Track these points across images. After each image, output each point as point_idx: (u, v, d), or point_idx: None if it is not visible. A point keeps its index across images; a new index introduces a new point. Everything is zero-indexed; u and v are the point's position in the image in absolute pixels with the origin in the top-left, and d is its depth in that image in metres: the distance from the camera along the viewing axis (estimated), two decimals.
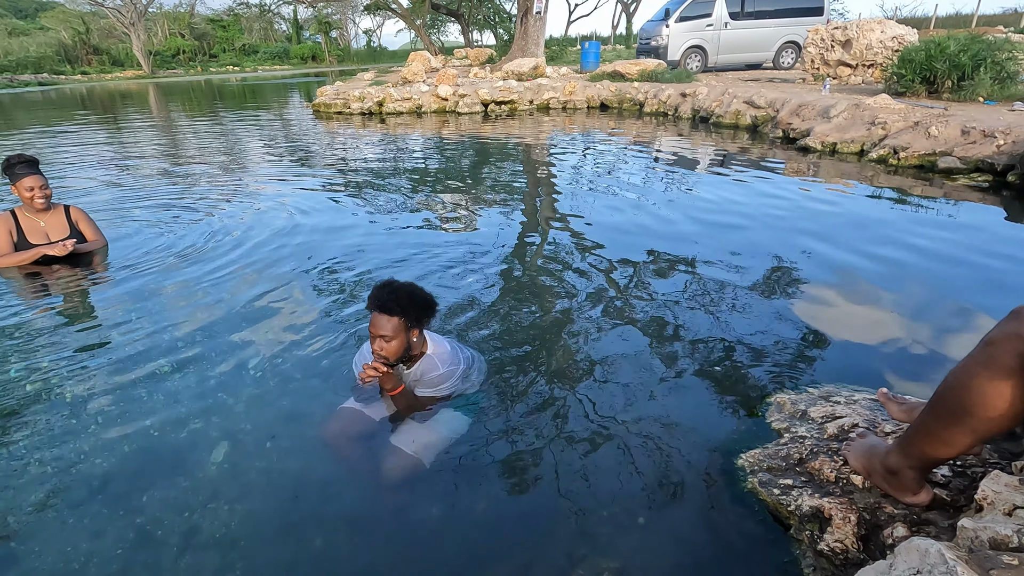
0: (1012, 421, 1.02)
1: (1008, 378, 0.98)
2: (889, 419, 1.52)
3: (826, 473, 1.38)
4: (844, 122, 6.08)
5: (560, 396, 2.06)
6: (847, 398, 1.71)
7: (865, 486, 1.31)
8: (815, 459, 1.43)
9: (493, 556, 1.50)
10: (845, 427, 1.52)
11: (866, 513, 1.24)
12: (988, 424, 1.03)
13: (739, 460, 1.55)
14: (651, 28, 14.22)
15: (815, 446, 1.49)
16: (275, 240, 3.86)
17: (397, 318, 1.70)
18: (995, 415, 1.01)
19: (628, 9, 34.36)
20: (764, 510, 1.40)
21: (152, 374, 2.29)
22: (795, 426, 1.62)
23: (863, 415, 1.57)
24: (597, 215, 4.25)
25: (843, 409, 1.62)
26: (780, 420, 1.68)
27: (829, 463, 1.40)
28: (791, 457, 1.47)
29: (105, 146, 8.85)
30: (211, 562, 1.50)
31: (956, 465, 1.31)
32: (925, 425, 1.13)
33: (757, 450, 1.55)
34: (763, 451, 1.54)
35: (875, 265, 3.14)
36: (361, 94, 11.56)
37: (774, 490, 1.38)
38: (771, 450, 1.53)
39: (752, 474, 1.47)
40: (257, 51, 48.32)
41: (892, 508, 1.24)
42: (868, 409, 1.62)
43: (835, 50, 9.18)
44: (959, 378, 1.05)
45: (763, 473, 1.45)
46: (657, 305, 2.72)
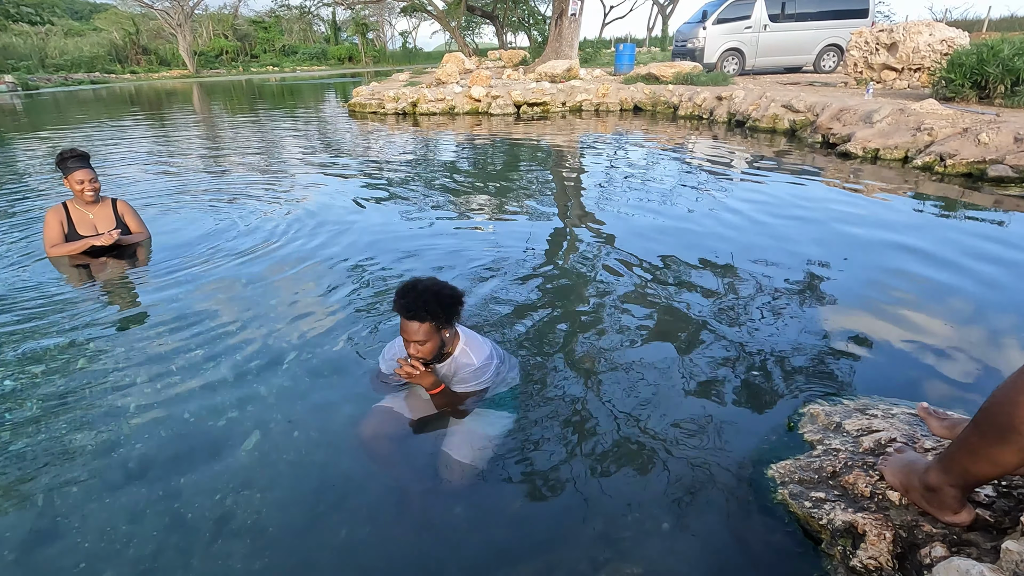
0: None
1: None
2: (929, 435, 1.46)
3: (860, 488, 1.33)
4: (888, 127, 5.89)
5: (586, 399, 2.05)
6: (884, 411, 1.65)
7: (902, 503, 1.27)
8: (849, 473, 1.38)
9: (514, 556, 1.49)
10: (882, 441, 1.47)
11: (902, 531, 1.20)
12: None
13: (769, 470, 1.51)
14: (687, 30, 14.03)
15: (849, 459, 1.44)
16: (310, 237, 3.94)
17: (427, 323, 1.69)
18: None
19: (664, 11, 33.98)
20: (794, 522, 1.37)
21: (189, 362, 2.37)
22: (829, 438, 1.57)
23: (901, 430, 1.52)
24: (627, 219, 4.21)
25: (880, 423, 1.57)
26: (813, 432, 1.63)
27: (864, 477, 1.35)
28: (824, 470, 1.43)
29: (151, 142, 9.19)
30: (240, 549, 1.54)
31: (1001, 485, 1.26)
32: (969, 442, 1.09)
33: (788, 461, 1.51)
34: (795, 462, 1.50)
35: (916, 275, 3.02)
36: (396, 94, 11.72)
37: (805, 503, 1.34)
38: (803, 462, 1.49)
39: (783, 485, 1.43)
40: (296, 52, 49.47)
41: (931, 527, 1.19)
42: (907, 424, 1.56)
43: (880, 53, 8.89)
44: (1008, 394, 1.01)
45: (794, 485, 1.41)
46: (686, 311, 2.68)
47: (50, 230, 3.21)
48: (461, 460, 1.73)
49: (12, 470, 1.78)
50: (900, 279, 2.98)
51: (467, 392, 1.87)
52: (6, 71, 29.63)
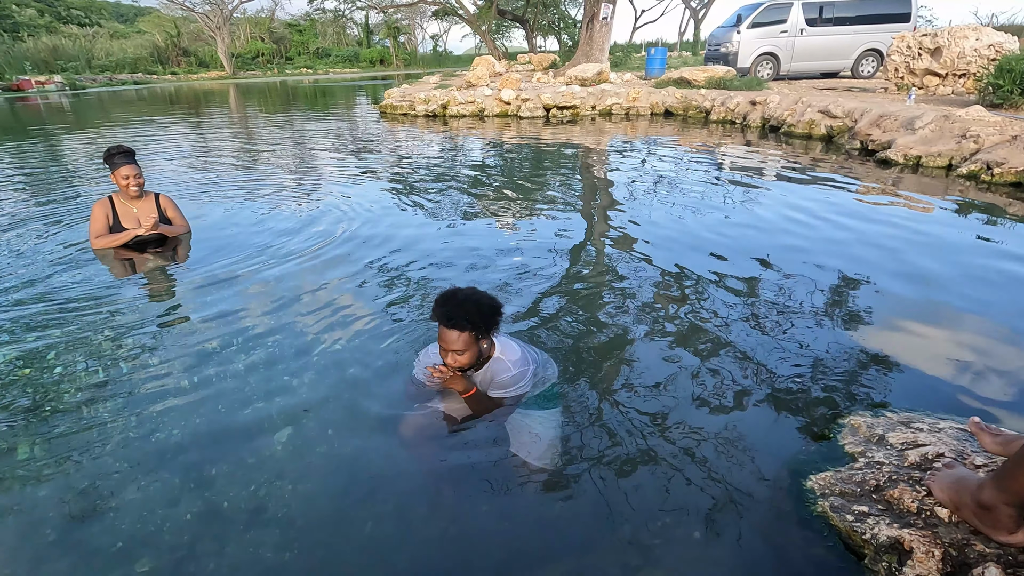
0: None
1: None
2: (980, 451, 1.40)
3: (907, 503, 1.28)
4: (931, 134, 5.70)
5: (617, 403, 2.02)
6: (931, 425, 1.59)
7: (952, 520, 1.21)
8: (894, 487, 1.33)
9: (542, 558, 1.48)
10: (929, 456, 1.41)
11: (952, 549, 1.15)
12: None
13: (808, 482, 1.47)
14: (721, 34, 13.84)
15: (894, 473, 1.39)
16: (343, 235, 3.99)
17: (467, 332, 1.67)
18: None
19: (696, 15, 33.61)
20: (835, 536, 1.32)
21: (223, 355, 2.41)
22: (871, 451, 1.52)
23: (950, 445, 1.46)
24: (657, 225, 4.15)
25: (927, 437, 1.51)
26: (854, 443, 1.58)
27: (910, 492, 1.30)
28: (867, 483, 1.38)
29: (190, 140, 9.46)
30: (271, 539, 1.56)
31: None
32: None
33: (828, 473, 1.47)
34: (835, 474, 1.45)
35: (960, 289, 2.91)
36: (427, 96, 11.84)
37: (847, 516, 1.30)
38: (844, 474, 1.44)
39: (823, 497, 1.38)
40: (329, 54, 50.40)
41: (983, 546, 1.14)
42: (955, 439, 1.50)
43: (923, 58, 8.63)
44: None
45: (835, 497, 1.37)
46: (717, 318, 2.63)
47: (95, 223, 3.33)
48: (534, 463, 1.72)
49: (56, 453, 1.84)
50: (942, 292, 2.87)
51: (503, 398, 1.86)
52: (56, 71, 30.91)
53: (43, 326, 2.63)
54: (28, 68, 30.28)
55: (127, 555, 1.49)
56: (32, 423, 1.98)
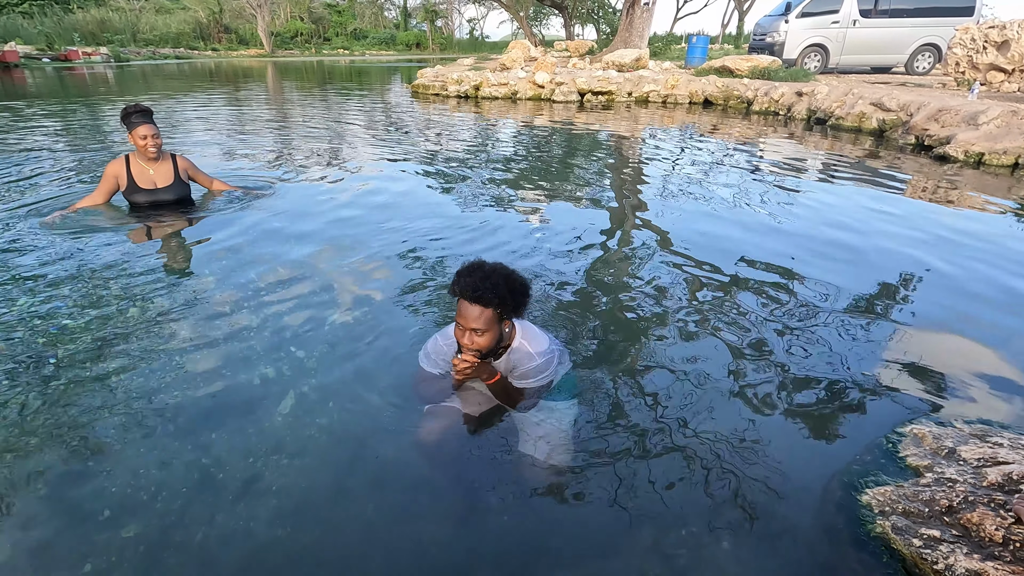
0: None
1: None
2: None
3: (988, 530, 1.09)
4: (996, 130, 5.30)
5: (640, 398, 1.86)
6: (1012, 441, 1.38)
7: None
8: (971, 510, 1.14)
9: (553, 561, 1.35)
10: (1014, 476, 1.21)
11: None
12: None
13: (864, 496, 1.28)
14: (768, 23, 13.26)
15: (970, 494, 1.19)
16: (365, 210, 3.89)
17: (491, 309, 1.48)
18: None
19: (741, 6, 32.53)
20: (897, 561, 1.14)
21: (232, 321, 2.33)
22: (940, 465, 1.32)
23: None
24: (691, 220, 3.90)
25: (1009, 453, 1.30)
26: (919, 456, 1.38)
27: (992, 518, 1.10)
28: (936, 502, 1.19)
29: (227, 112, 9.50)
30: (265, 511, 1.47)
31: None
32: None
33: (889, 487, 1.28)
34: (897, 490, 1.26)
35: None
36: (459, 77, 11.67)
37: (914, 540, 1.11)
38: (908, 490, 1.25)
39: (882, 515, 1.20)
40: (366, 36, 50.53)
41: None
42: None
43: (987, 52, 8.07)
44: None
45: (898, 517, 1.18)
46: (759, 316, 2.42)
47: (104, 183, 3.29)
48: (544, 460, 1.58)
49: (55, 407, 1.78)
50: (1009, 298, 2.60)
51: (527, 388, 1.69)
52: (102, 43, 31.64)
53: (55, 283, 2.58)
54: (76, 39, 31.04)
55: (114, 521, 1.41)
56: (34, 377, 1.93)
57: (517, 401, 1.71)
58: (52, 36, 30.05)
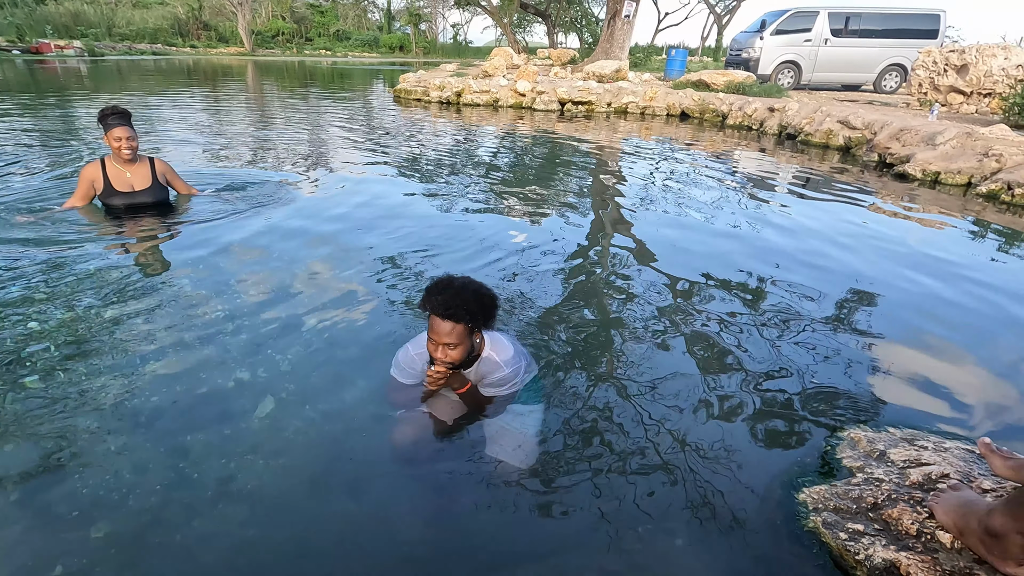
0: None
1: None
2: (989, 474, 1.32)
3: (906, 524, 1.20)
4: (952, 151, 5.57)
5: (605, 406, 1.95)
6: (936, 444, 1.51)
7: (955, 546, 1.14)
8: (893, 506, 1.25)
9: (520, 556, 1.42)
10: (933, 476, 1.33)
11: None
12: None
13: (800, 494, 1.39)
14: (744, 39, 13.64)
15: (894, 492, 1.31)
16: (345, 216, 3.93)
17: (463, 324, 1.55)
18: None
19: (720, 20, 33.25)
20: (825, 554, 1.24)
21: (209, 323, 2.36)
22: (871, 466, 1.44)
23: (956, 465, 1.38)
24: (666, 228, 4.05)
25: (931, 456, 1.43)
26: (853, 458, 1.50)
27: (910, 513, 1.22)
28: (863, 500, 1.30)
29: (201, 113, 9.41)
30: (240, 513, 1.51)
31: None
32: None
33: (824, 487, 1.39)
34: (831, 488, 1.37)
35: (972, 309, 2.81)
36: (441, 83, 11.74)
37: (840, 534, 1.22)
38: (840, 489, 1.36)
39: (815, 512, 1.31)
40: (349, 37, 50.23)
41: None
42: (962, 460, 1.41)
43: (948, 75, 8.45)
44: None
45: (828, 513, 1.29)
46: (718, 325, 2.54)
47: (81, 186, 3.28)
48: (510, 462, 1.66)
49: (29, 409, 1.79)
50: (954, 312, 2.78)
51: (496, 396, 1.78)
52: (76, 37, 30.93)
53: (28, 282, 2.58)
54: (49, 32, 30.28)
55: (86, 518, 1.45)
56: (6, 378, 1.93)
57: (486, 408, 1.79)
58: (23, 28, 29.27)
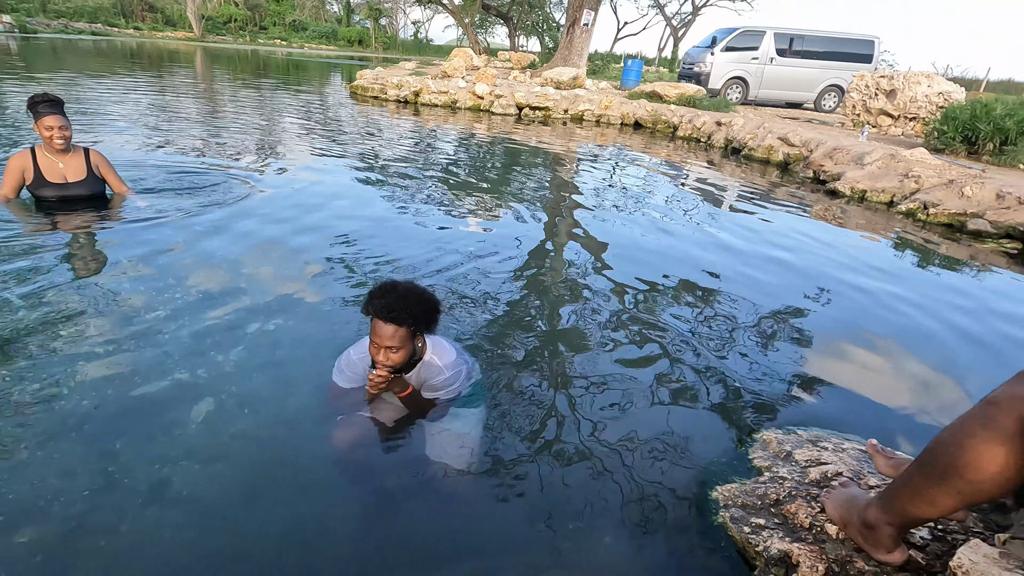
0: (1001, 488, 0.97)
1: (1005, 442, 0.94)
2: (875, 472, 1.47)
3: (801, 518, 1.33)
4: (877, 171, 5.99)
5: (545, 407, 2.02)
6: (836, 445, 1.66)
7: (839, 537, 1.27)
8: (792, 502, 1.38)
9: (457, 555, 1.46)
10: (828, 474, 1.48)
11: (835, 565, 1.20)
12: (976, 487, 0.98)
13: (714, 492, 1.51)
14: (696, 54, 14.16)
15: (794, 489, 1.44)
16: (294, 213, 3.87)
17: (406, 327, 1.59)
18: (984, 478, 0.97)
19: (676, 33, 34.28)
20: (731, 547, 1.36)
21: (147, 323, 2.30)
22: (777, 466, 1.58)
23: (849, 464, 1.53)
24: (615, 233, 4.20)
25: (830, 455, 1.58)
26: (763, 458, 1.64)
27: (806, 508, 1.35)
28: (767, 497, 1.43)
29: (145, 100, 9.01)
30: (173, 518, 1.50)
31: (936, 528, 1.26)
32: (910, 481, 1.09)
33: (735, 485, 1.51)
34: (740, 487, 1.50)
35: (887, 318, 3.07)
36: (399, 82, 11.65)
37: (744, 528, 1.34)
38: (748, 487, 1.49)
39: (725, 508, 1.43)
40: (306, 28, 48.97)
41: (863, 564, 1.20)
42: (855, 459, 1.57)
43: (878, 98, 9.05)
44: (954, 435, 1.01)
45: (736, 509, 1.41)
46: (658, 330, 2.68)
47: (9, 177, 3.11)
48: (451, 464, 1.69)
49: None
50: (870, 321, 3.01)
51: (437, 399, 1.82)
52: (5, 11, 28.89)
53: None
54: None
55: (11, 524, 1.41)
56: None
57: (428, 411, 1.83)
58: None
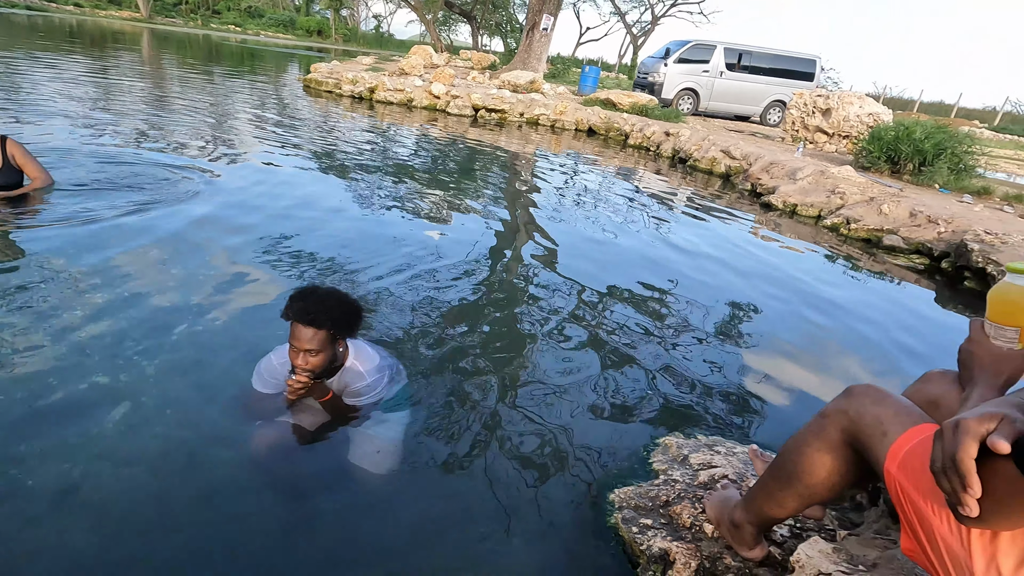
0: (831, 491, 1.11)
1: (831, 450, 1.07)
2: (756, 475, 1.61)
3: (684, 518, 1.45)
4: (808, 186, 6.35)
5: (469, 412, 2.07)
6: (728, 449, 1.80)
7: (714, 535, 1.40)
8: (679, 503, 1.51)
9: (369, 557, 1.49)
10: (715, 477, 1.61)
11: (707, 561, 1.32)
12: (812, 491, 1.11)
13: (612, 495, 1.62)
14: (650, 64, 14.56)
15: (684, 491, 1.57)
16: (234, 208, 3.80)
17: (325, 331, 1.61)
18: (817, 482, 1.10)
19: (636, 41, 35.03)
20: (621, 546, 1.47)
21: (64, 321, 2.24)
22: (673, 469, 1.70)
23: (735, 468, 1.66)
24: (563, 239, 4.30)
25: (721, 460, 1.71)
26: (662, 462, 1.76)
27: (690, 509, 1.48)
28: (659, 498, 1.55)
29: (83, 83, 8.58)
30: (80, 524, 1.48)
31: (795, 526, 1.41)
32: (764, 485, 1.22)
33: (631, 487, 1.63)
34: (636, 489, 1.61)
35: (804, 327, 3.27)
36: (355, 77, 11.50)
37: (633, 528, 1.45)
38: (643, 489, 1.60)
39: (619, 510, 1.54)
40: (263, 15, 47.45)
41: (731, 560, 1.32)
42: (743, 463, 1.71)
43: (815, 116, 9.57)
44: (795, 444, 1.14)
45: (629, 510, 1.52)
46: (593, 335, 2.77)
47: None
48: (370, 469, 1.71)
49: None
50: (791, 331, 3.21)
51: (360, 404, 1.84)
52: None
53: None
54: None
55: None
56: None
57: (350, 416, 1.86)
58: None
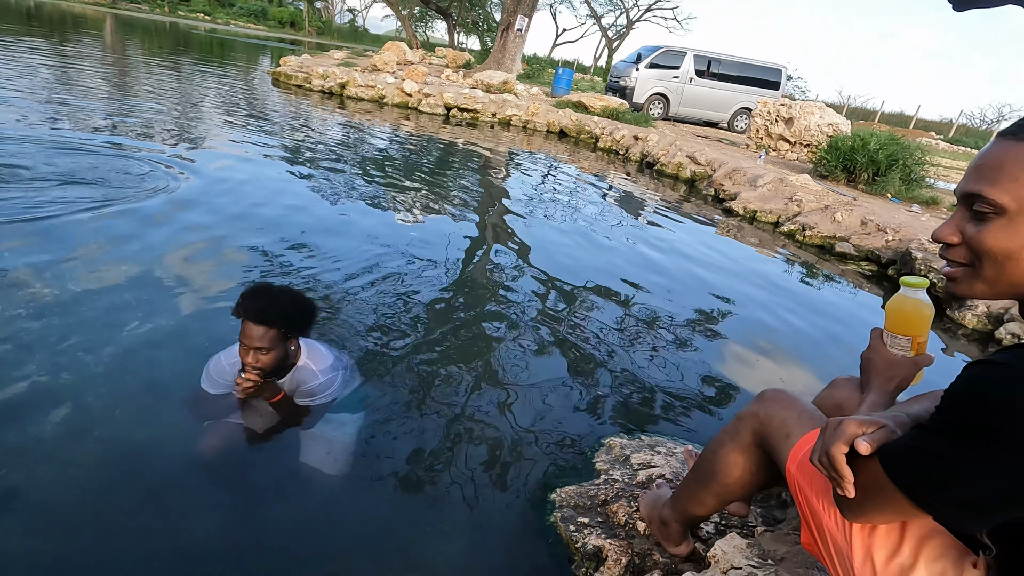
0: (744, 490, 1.18)
1: (744, 451, 1.15)
2: None
3: (619, 516, 1.52)
4: (768, 193, 6.55)
5: (423, 412, 2.10)
6: (668, 449, 1.88)
7: (645, 533, 1.46)
8: (616, 502, 1.57)
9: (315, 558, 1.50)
10: (653, 476, 1.68)
11: (637, 558, 1.39)
12: (728, 489, 1.19)
13: (552, 494, 1.67)
14: (622, 68, 14.76)
15: (622, 490, 1.63)
16: (195, 205, 3.72)
17: (276, 329, 1.61)
18: (732, 482, 1.17)
19: (611, 44, 35.41)
20: (558, 545, 1.53)
21: (8, 320, 2.19)
22: (614, 469, 1.77)
23: (673, 468, 1.74)
24: (533, 240, 4.33)
25: (660, 460, 1.79)
26: (605, 461, 1.82)
27: (625, 507, 1.54)
28: (597, 497, 1.61)
29: (40, 70, 8.26)
30: (19, 526, 1.47)
31: (720, 523, 1.49)
32: (688, 484, 1.29)
33: (573, 487, 1.68)
34: (577, 488, 1.67)
35: (758, 331, 3.38)
36: (325, 72, 11.36)
37: (571, 526, 1.51)
38: (584, 488, 1.66)
39: (559, 509, 1.59)
40: (233, 4, 46.34)
41: (659, 556, 1.39)
42: (680, 463, 1.79)
43: (778, 124, 9.85)
44: (714, 445, 1.22)
45: (568, 509, 1.58)
46: (549, 334, 2.82)
47: None
48: (321, 469, 1.72)
49: None
50: (745, 333, 3.31)
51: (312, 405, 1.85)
52: None
53: None
54: None
55: None
56: None
57: (302, 417, 1.86)
58: None
